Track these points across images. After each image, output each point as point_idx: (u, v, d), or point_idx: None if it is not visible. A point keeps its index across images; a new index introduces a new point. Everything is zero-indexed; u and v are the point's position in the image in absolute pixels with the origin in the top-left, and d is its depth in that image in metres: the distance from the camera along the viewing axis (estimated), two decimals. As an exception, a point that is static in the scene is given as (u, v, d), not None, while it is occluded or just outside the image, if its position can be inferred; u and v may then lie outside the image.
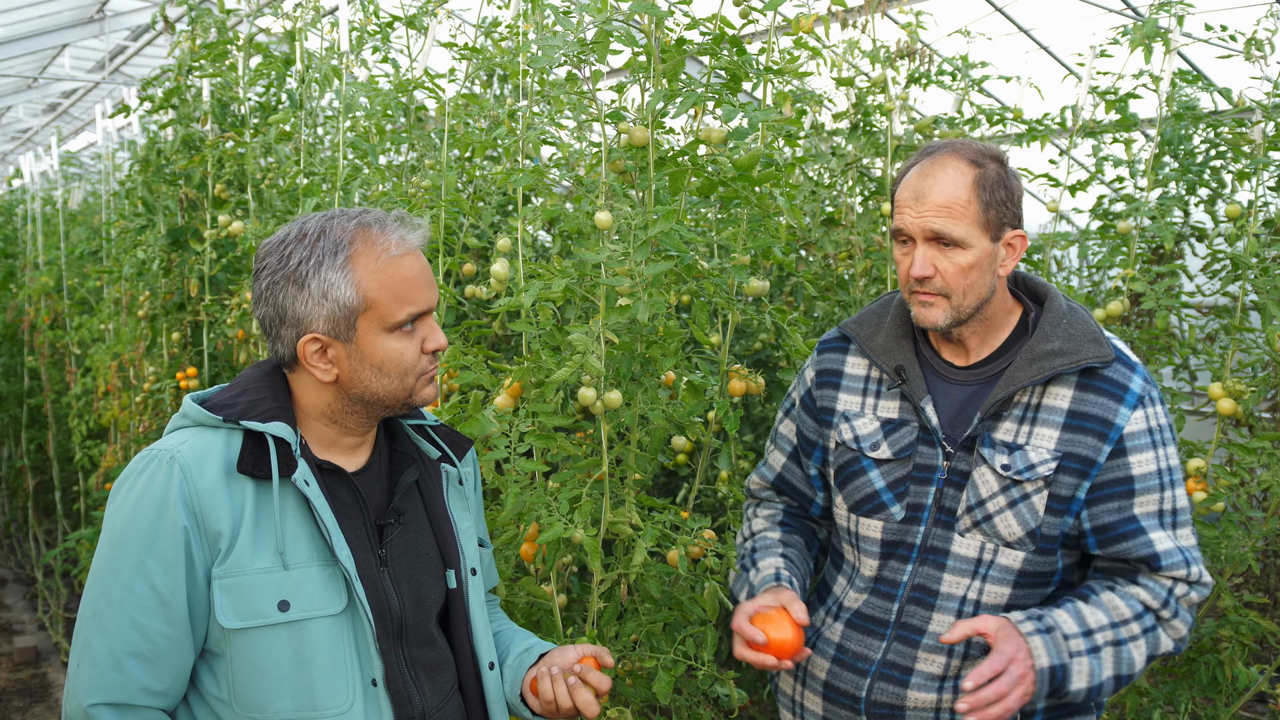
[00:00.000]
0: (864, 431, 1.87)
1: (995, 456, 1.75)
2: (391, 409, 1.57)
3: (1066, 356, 1.74)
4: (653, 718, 2.61)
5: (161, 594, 1.43)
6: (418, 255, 1.54)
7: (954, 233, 1.72)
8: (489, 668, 1.68)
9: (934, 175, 1.74)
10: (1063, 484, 1.74)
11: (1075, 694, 1.69)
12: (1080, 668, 1.68)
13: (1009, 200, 1.75)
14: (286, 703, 1.45)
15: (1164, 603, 1.74)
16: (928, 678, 1.77)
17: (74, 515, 5.89)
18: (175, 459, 1.45)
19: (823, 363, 1.98)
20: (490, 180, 3.36)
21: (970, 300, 1.76)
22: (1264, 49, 3.06)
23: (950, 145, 1.77)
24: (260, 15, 3.95)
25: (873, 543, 1.86)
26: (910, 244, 1.77)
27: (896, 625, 1.81)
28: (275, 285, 1.50)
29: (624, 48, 2.12)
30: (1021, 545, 1.76)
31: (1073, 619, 1.71)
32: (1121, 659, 1.71)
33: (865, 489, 1.86)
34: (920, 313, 1.78)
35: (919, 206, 1.74)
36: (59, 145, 6.66)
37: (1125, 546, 1.74)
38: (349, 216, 1.53)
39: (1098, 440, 1.73)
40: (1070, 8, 5.03)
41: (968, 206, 1.72)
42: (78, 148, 11.99)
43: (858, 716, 1.83)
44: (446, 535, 1.65)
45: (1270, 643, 3.41)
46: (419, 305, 1.53)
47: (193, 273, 3.95)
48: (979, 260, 1.73)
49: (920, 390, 1.82)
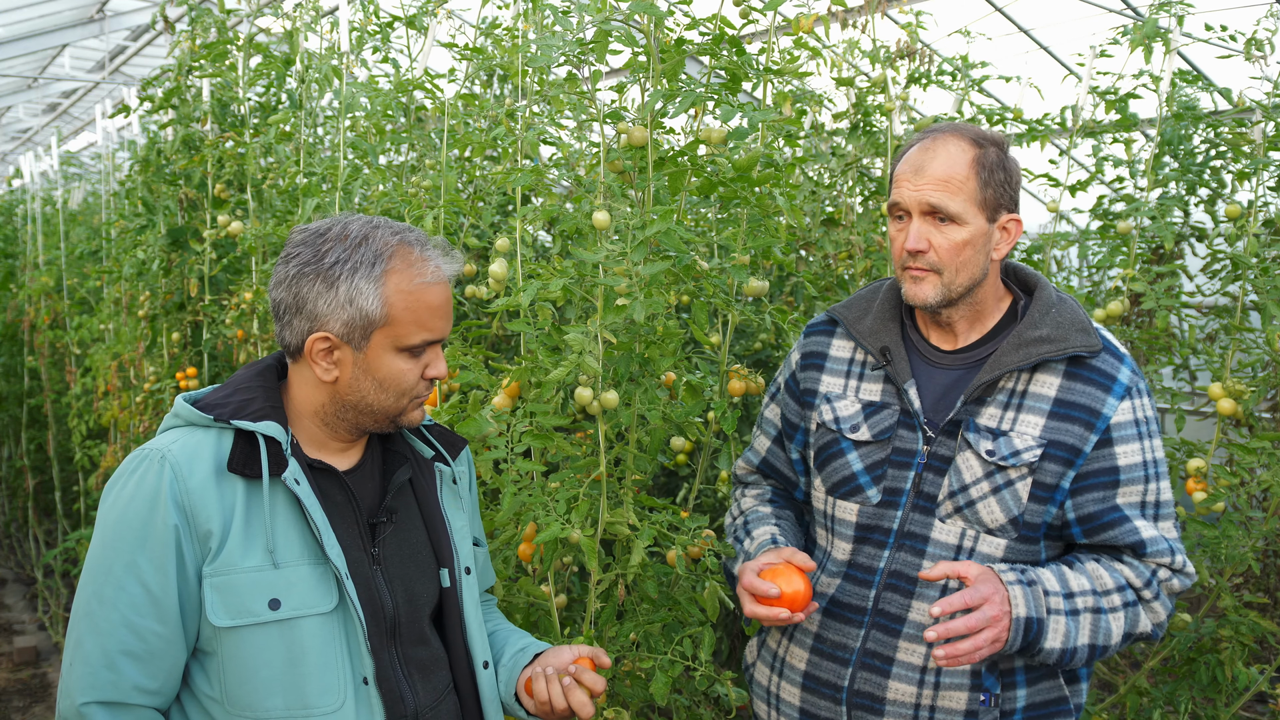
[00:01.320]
0: (845, 413, 1.87)
1: (979, 441, 1.75)
2: (379, 424, 1.58)
3: (1053, 344, 1.74)
4: (651, 718, 2.61)
5: (153, 592, 1.43)
6: (446, 287, 1.55)
7: (950, 207, 1.72)
8: (483, 667, 1.68)
9: (934, 150, 1.75)
10: (1047, 472, 1.73)
11: (1048, 653, 1.68)
12: (1057, 626, 1.68)
13: (1007, 182, 1.76)
14: (278, 701, 1.45)
15: (1146, 583, 1.74)
16: (908, 668, 1.77)
17: (74, 515, 5.89)
18: (166, 458, 1.46)
19: (808, 345, 1.98)
20: (490, 180, 3.35)
21: (961, 279, 1.76)
22: (1264, 49, 3.05)
23: (953, 126, 1.79)
24: (260, 15, 3.95)
25: (847, 525, 1.85)
26: (905, 219, 1.78)
27: (874, 613, 1.80)
28: (303, 276, 1.50)
29: (623, 48, 2.12)
30: (1003, 532, 1.75)
31: (1055, 578, 1.71)
32: (1099, 628, 1.71)
33: (843, 471, 1.86)
34: (910, 289, 1.79)
35: (917, 179, 1.75)
36: (59, 145, 6.66)
37: (1112, 535, 1.74)
38: (393, 230, 1.53)
39: (1084, 429, 1.73)
40: (1070, 8, 5.02)
41: (965, 182, 1.73)
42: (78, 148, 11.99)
43: (838, 707, 1.82)
44: (440, 534, 1.66)
45: (1270, 643, 3.41)
46: (434, 334, 1.54)
47: (192, 273, 3.95)
48: (973, 238, 1.74)
49: (904, 373, 1.83)
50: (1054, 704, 1.81)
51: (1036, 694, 1.79)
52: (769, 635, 1.99)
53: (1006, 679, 1.77)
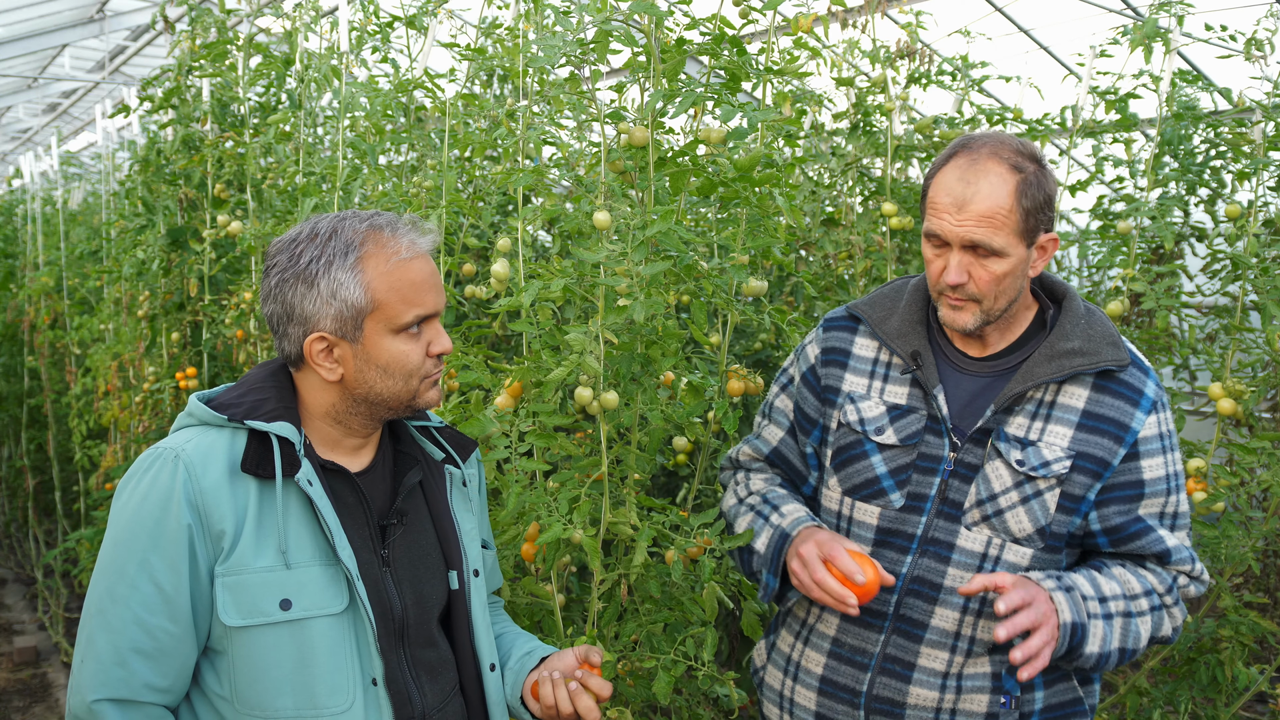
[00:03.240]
0: (869, 415, 1.85)
1: (1010, 451, 1.75)
2: (395, 411, 1.58)
3: (1086, 357, 1.74)
4: (653, 718, 2.61)
5: (165, 591, 1.44)
6: (427, 259, 1.55)
7: (994, 243, 1.68)
8: (490, 669, 1.68)
9: (976, 183, 1.68)
10: (1075, 483, 1.74)
11: (1087, 658, 1.70)
12: (1096, 631, 1.70)
13: (1047, 205, 1.72)
14: (287, 701, 1.46)
15: (1168, 589, 1.78)
16: (930, 674, 1.77)
17: (74, 515, 5.89)
18: (180, 457, 1.46)
19: (829, 340, 1.95)
20: (490, 180, 3.35)
21: (1000, 304, 1.75)
22: (1264, 49, 3.05)
23: (991, 145, 1.72)
24: (260, 15, 3.95)
25: (867, 529, 1.84)
26: (944, 248, 1.74)
27: (895, 618, 1.80)
28: (285, 283, 1.51)
29: (624, 48, 2.12)
30: (1030, 542, 1.76)
31: (1089, 584, 1.73)
32: (1129, 631, 1.73)
33: (865, 473, 1.84)
34: (949, 315, 1.77)
35: (959, 215, 1.69)
36: (59, 145, 6.66)
37: (1139, 545, 1.77)
38: (361, 218, 1.54)
39: (1113, 443, 1.74)
40: (1070, 8, 5.02)
41: (1009, 216, 1.68)
42: (78, 148, 12.00)
43: (855, 711, 1.82)
44: (449, 536, 1.66)
45: (1270, 643, 3.41)
46: (426, 308, 1.53)
47: (192, 273, 3.95)
48: (1014, 268, 1.72)
49: (933, 378, 1.81)
50: (1070, 705, 1.82)
51: (1054, 695, 1.80)
52: (780, 638, 1.98)
53: (1026, 682, 1.78)
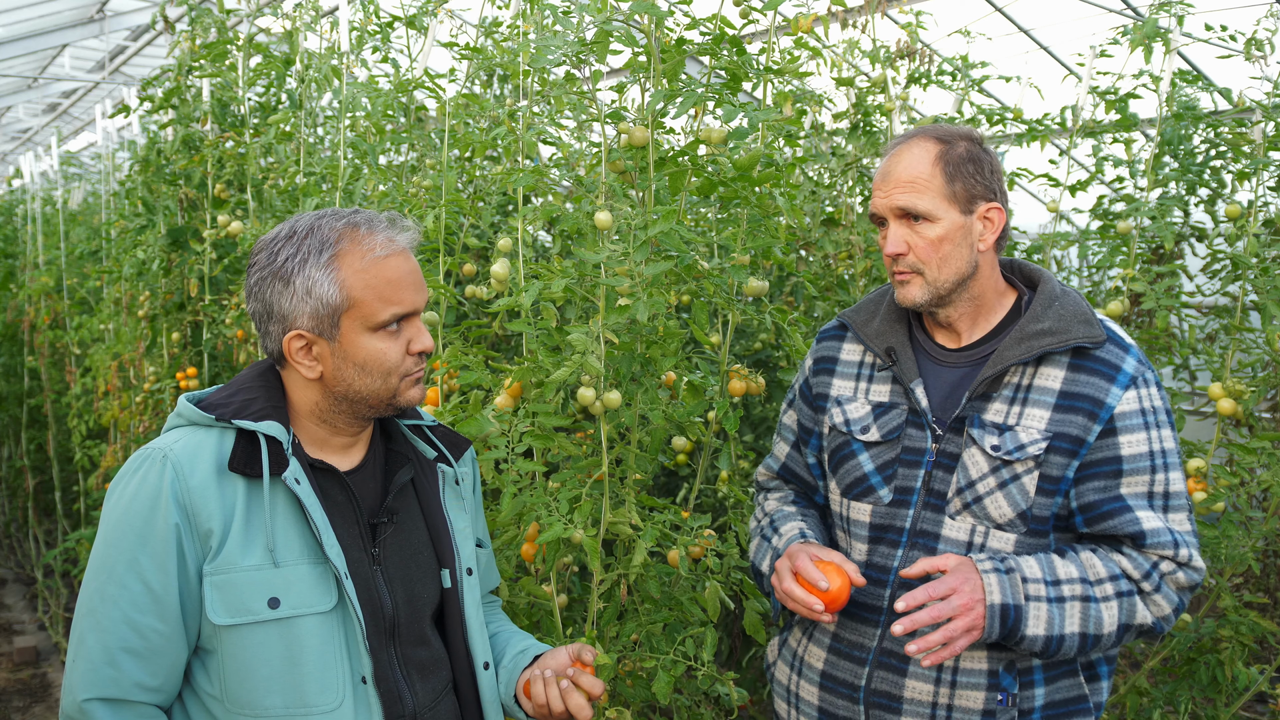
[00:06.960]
0: (855, 415, 1.89)
1: (985, 437, 1.75)
2: (376, 409, 1.57)
3: (1056, 336, 1.74)
4: (653, 718, 2.61)
5: (154, 590, 1.44)
6: (406, 256, 1.54)
7: (918, 205, 1.75)
8: (484, 668, 1.68)
9: (900, 155, 1.80)
10: (1053, 464, 1.73)
11: (1031, 640, 1.68)
12: (1038, 613, 1.67)
13: (978, 173, 1.78)
14: (277, 699, 1.46)
15: (1145, 575, 1.72)
16: (925, 668, 1.76)
17: (74, 515, 5.90)
18: (168, 457, 1.47)
19: (820, 351, 2.01)
20: (490, 180, 3.35)
21: (946, 274, 1.78)
22: (1264, 49, 3.06)
23: (922, 129, 1.82)
24: (260, 15, 3.95)
25: (862, 526, 1.86)
26: (885, 226, 1.82)
27: (889, 612, 1.80)
28: (264, 281, 1.52)
29: (624, 48, 2.12)
30: (1012, 527, 1.75)
31: (1040, 567, 1.71)
32: (1090, 616, 1.70)
33: (855, 472, 1.87)
34: (900, 292, 1.82)
35: (885, 185, 1.79)
36: (59, 145, 6.67)
37: (1111, 524, 1.73)
38: (339, 216, 1.54)
39: (1088, 420, 1.73)
40: (1070, 8, 5.03)
41: (930, 180, 1.76)
42: (78, 148, 12.00)
43: (855, 705, 1.82)
44: (442, 535, 1.66)
45: (1270, 643, 3.42)
46: (404, 306, 1.53)
47: (193, 273, 3.95)
48: (949, 233, 1.76)
49: (911, 372, 1.84)
50: (1073, 702, 1.79)
51: (1055, 692, 1.78)
52: (790, 634, 2.00)
53: (1024, 678, 1.77)
